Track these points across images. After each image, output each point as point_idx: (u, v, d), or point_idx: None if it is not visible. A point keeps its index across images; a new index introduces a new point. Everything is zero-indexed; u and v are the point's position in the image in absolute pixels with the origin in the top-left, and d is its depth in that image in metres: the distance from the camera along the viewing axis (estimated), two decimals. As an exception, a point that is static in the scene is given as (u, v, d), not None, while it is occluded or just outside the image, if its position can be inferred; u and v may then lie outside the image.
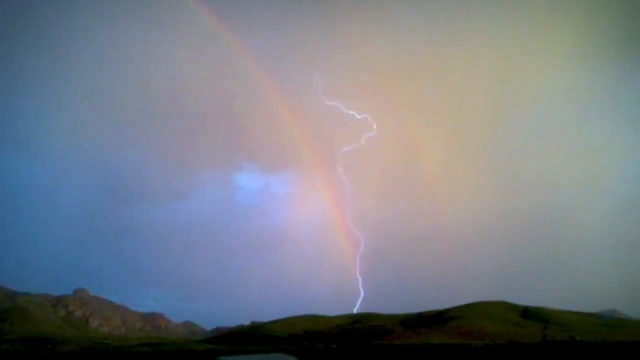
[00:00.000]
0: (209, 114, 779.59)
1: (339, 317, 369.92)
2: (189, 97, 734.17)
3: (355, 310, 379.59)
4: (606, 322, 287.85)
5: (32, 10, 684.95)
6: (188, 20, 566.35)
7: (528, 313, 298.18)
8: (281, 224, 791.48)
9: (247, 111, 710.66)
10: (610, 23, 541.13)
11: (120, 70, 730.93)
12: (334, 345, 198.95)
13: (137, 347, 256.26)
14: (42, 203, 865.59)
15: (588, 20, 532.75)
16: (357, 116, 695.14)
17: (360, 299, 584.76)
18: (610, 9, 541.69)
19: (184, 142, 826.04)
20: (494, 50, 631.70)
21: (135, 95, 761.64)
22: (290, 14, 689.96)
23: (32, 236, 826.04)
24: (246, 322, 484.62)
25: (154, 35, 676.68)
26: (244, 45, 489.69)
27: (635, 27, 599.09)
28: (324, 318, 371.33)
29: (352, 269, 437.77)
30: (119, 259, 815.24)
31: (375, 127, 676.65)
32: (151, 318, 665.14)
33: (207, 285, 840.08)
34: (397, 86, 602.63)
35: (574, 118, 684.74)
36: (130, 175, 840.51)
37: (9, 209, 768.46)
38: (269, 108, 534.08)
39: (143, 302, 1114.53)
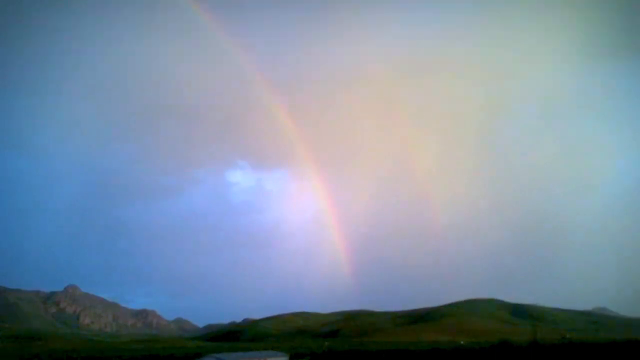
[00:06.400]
0: (202, 112, 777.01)
1: (331, 315, 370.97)
2: (182, 95, 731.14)
3: (347, 308, 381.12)
4: (597, 320, 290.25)
5: (28, 11, 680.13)
6: (182, 19, 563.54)
7: (519, 311, 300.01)
8: (274, 221, 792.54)
9: (240, 109, 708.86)
10: (601, 24, 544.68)
11: (114, 69, 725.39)
12: (326, 343, 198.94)
13: (129, 344, 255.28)
14: (33, 199, 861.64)
15: (579, 22, 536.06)
16: (351, 115, 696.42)
17: (353, 296, 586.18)
18: (601, 10, 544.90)
19: (177, 139, 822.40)
20: (485, 51, 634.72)
21: (128, 93, 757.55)
22: (285, 13, 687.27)
23: (23, 232, 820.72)
24: (238, 319, 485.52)
25: (148, 34, 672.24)
26: (237, 44, 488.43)
27: (626, 28, 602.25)
28: (316, 315, 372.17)
29: (345, 267, 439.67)
30: (110, 255, 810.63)
31: (368, 126, 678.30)
32: (142, 315, 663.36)
33: (198, 282, 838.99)
34: (391, 87, 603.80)
35: (566, 117, 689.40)
36: (122, 172, 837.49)
37: (1, 206, 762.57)
38: (262, 106, 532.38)
39: (134, 299, 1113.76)
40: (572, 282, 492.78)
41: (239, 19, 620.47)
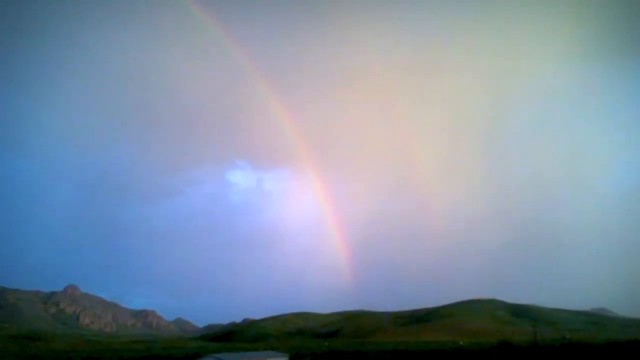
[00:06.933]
0: (201, 112, 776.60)
1: (331, 315, 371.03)
2: (181, 94, 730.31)
3: (347, 308, 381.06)
4: (597, 320, 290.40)
5: (28, 12, 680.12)
6: (181, 19, 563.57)
7: (519, 311, 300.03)
8: (274, 221, 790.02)
9: (239, 108, 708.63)
10: (602, 24, 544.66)
11: (114, 69, 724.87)
12: (326, 343, 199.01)
13: (129, 344, 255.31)
14: (33, 200, 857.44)
15: (580, 21, 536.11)
16: (352, 115, 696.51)
17: (353, 296, 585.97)
18: (602, 10, 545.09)
19: (176, 139, 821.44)
20: (488, 51, 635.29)
21: (128, 93, 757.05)
22: (284, 12, 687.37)
23: (23, 232, 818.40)
24: (238, 319, 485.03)
25: (147, 34, 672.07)
26: (238, 44, 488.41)
27: (626, 28, 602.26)
28: (316, 316, 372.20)
29: (345, 267, 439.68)
30: (110, 255, 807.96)
31: (369, 126, 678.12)
32: (142, 315, 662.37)
33: (198, 282, 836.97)
34: (391, 86, 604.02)
35: (565, 118, 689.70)
36: (122, 173, 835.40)
37: (0, 206, 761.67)
38: (262, 105, 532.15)
39: (134, 299, 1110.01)
40: (572, 282, 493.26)
41: (240, 19, 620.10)
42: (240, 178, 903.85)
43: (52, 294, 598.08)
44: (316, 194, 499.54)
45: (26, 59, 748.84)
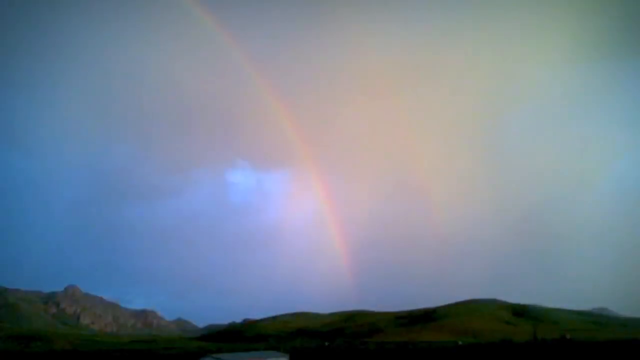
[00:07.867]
0: (201, 111, 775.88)
1: (331, 315, 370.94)
2: (181, 94, 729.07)
3: (347, 308, 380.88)
4: (597, 320, 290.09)
5: (26, 13, 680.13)
6: (180, 18, 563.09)
7: (519, 311, 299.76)
8: (274, 222, 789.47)
9: (240, 109, 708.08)
10: (600, 25, 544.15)
11: (112, 69, 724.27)
12: (327, 343, 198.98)
13: (130, 344, 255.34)
14: (34, 200, 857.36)
15: (579, 22, 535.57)
16: (352, 115, 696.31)
17: (353, 296, 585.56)
18: (601, 10, 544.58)
19: (176, 139, 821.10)
20: (487, 51, 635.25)
21: (127, 93, 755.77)
22: (285, 11, 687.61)
23: (23, 232, 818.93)
24: (238, 319, 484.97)
25: (146, 33, 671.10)
26: (238, 43, 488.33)
27: (626, 28, 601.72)
28: (316, 316, 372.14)
29: (345, 267, 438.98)
30: (111, 256, 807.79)
31: (369, 126, 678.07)
32: (142, 315, 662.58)
33: (199, 283, 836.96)
34: (391, 86, 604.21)
35: (566, 118, 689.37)
36: (122, 173, 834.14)
37: (1, 206, 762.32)
38: (262, 106, 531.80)
39: (134, 299, 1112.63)
40: (572, 282, 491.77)
41: (240, 18, 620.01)
42: (240, 178, 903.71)
43: (53, 294, 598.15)
44: (316, 194, 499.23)
45: (27, 59, 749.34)
